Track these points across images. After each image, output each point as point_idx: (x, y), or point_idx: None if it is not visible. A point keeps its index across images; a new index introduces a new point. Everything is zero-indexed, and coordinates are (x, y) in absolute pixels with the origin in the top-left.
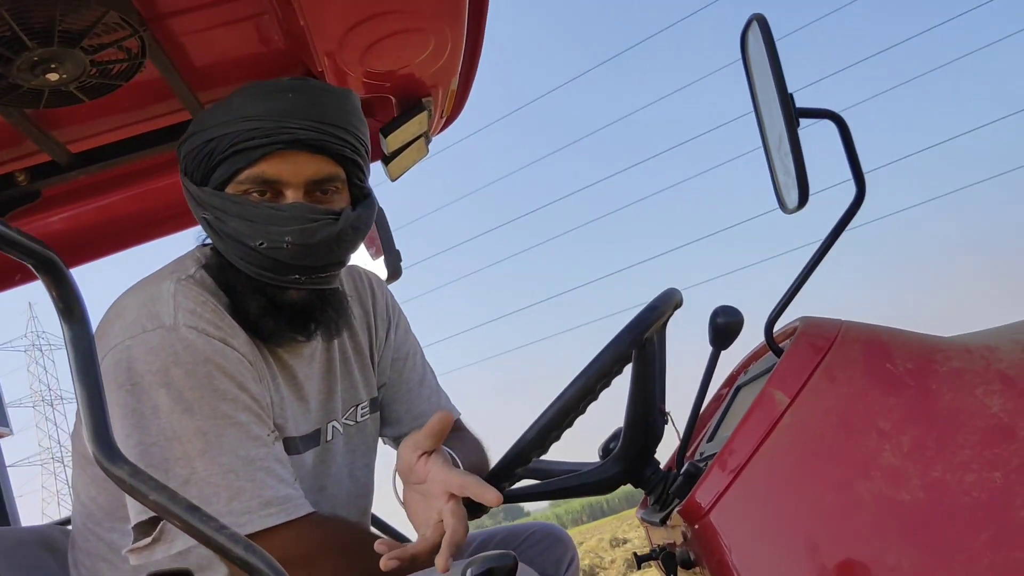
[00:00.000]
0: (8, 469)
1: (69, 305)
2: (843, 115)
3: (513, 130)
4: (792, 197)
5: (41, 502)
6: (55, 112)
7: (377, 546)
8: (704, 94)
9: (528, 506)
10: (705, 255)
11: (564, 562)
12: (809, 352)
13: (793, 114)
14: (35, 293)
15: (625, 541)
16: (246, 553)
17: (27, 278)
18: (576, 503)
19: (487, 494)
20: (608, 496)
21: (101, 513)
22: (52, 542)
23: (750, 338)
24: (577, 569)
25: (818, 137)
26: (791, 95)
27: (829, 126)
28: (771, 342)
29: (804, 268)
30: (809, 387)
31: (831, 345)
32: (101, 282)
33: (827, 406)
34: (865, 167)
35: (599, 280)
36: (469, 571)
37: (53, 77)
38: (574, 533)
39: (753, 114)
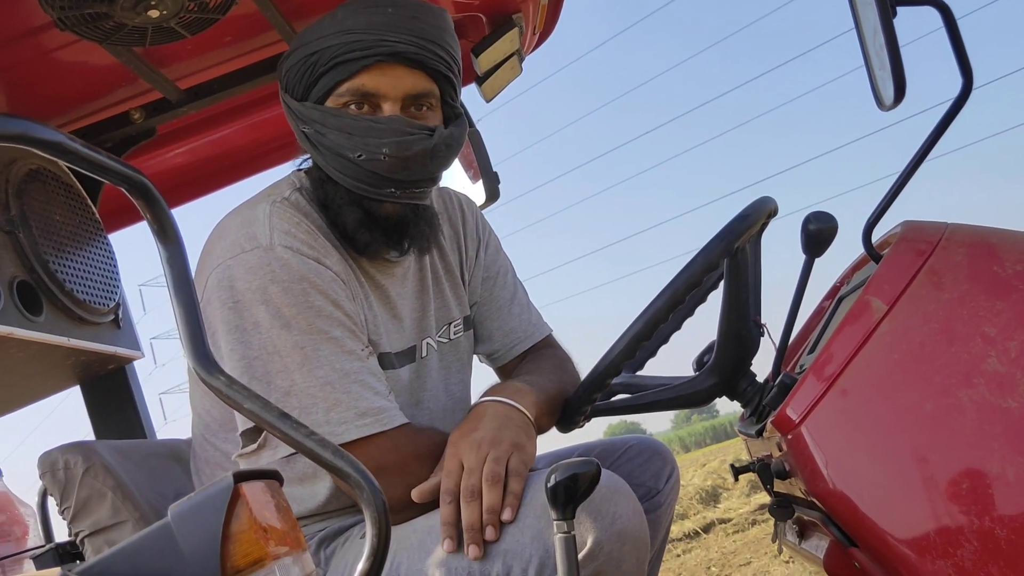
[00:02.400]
0: (160, 395)
1: (163, 226)
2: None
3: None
4: (889, 92)
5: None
6: (162, 50)
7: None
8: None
9: (651, 428)
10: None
11: (664, 475)
12: (910, 257)
13: (889, 2)
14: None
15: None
16: (334, 457)
17: (138, 216)
18: (699, 426)
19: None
20: (732, 417)
21: (216, 424)
22: (179, 453)
23: (856, 248)
24: (677, 482)
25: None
26: None
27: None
28: (869, 248)
29: (905, 168)
30: (909, 293)
31: (933, 249)
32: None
33: (928, 312)
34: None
35: (682, 216)
36: (553, 477)
37: (154, 14)
38: (697, 455)
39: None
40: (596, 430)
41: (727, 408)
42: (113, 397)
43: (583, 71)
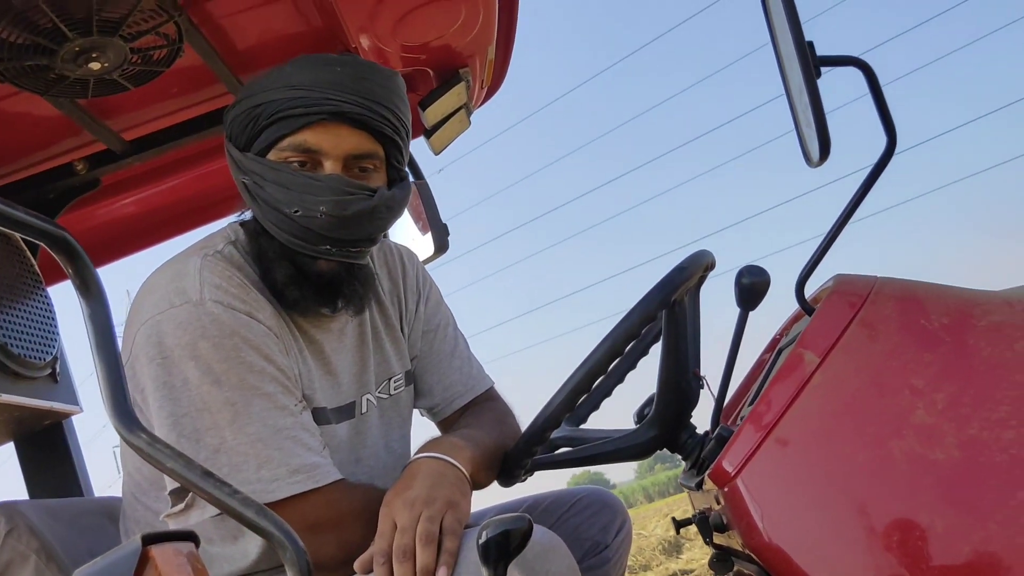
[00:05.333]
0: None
1: (85, 281)
2: (868, 60)
3: (525, 133)
4: (815, 149)
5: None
6: (106, 101)
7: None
8: (719, 88)
9: (615, 478)
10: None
11: (613, 528)
12: (841, 310)
13: (812, 63)
14: (133, 281)
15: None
16: (258, 517)
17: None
18: (663, 475)
19: None
20: None
21: (146, 483)
22: (113, 511)
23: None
24: (628, 535)
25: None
26: (810, 43)
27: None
28: (802, 301)
29: (835, 223)
30: (840, 346)
31: (863, 302)
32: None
33: (859, 364)
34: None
35: (624, 273)
36: (484, 533)
37: (96, 66)
38: (660, 504)
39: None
40: (560, 480)
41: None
42: (48, 453)
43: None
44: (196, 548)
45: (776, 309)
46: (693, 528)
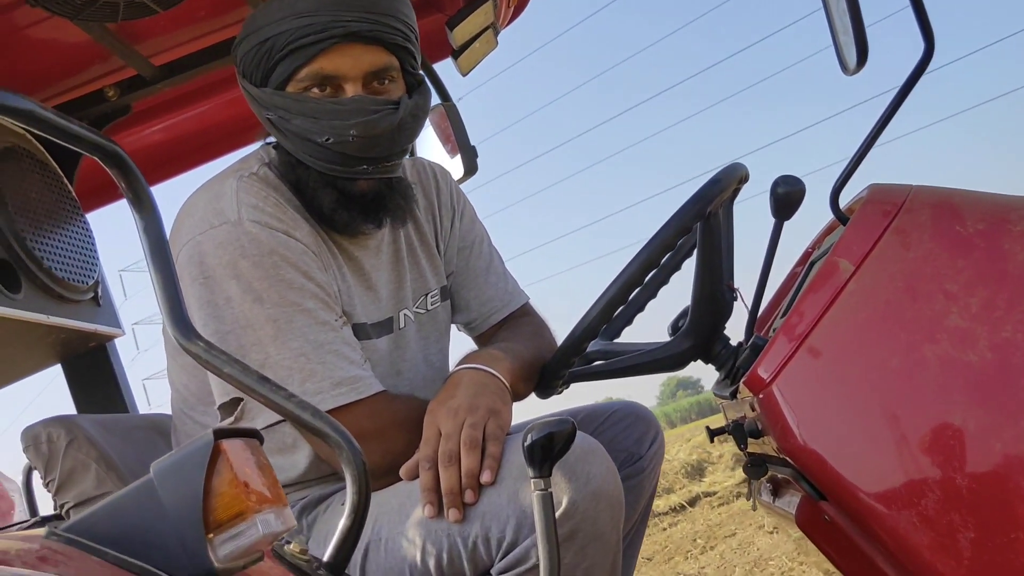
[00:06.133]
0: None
1: (138, 195)
2: None
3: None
4: (852, 57)
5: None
6: (136, 26)
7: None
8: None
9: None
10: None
11: (647, 440)
12: (876, 218)
13: None
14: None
15: (726, 438)
16: (314, 419)
17: (115, 195)
18: (684, 402)
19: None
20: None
21: (194, 398)
22: (161, 427)
23: (827, 217)
24: (661, 446)
25: None
26: None
27: None
28: (836, 210)
29: (870, 132)
30: (875, 254)
31: (899, 210)
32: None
33: (894, 271)
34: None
35: (663, 193)
36: (530, 436)
37: None
38: (682, 430)
39: None
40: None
41: (711, 384)
42: (95, 374)
43: (562, 49)
44: (260, 445)
45: (804, 227)
46: (715, 451)
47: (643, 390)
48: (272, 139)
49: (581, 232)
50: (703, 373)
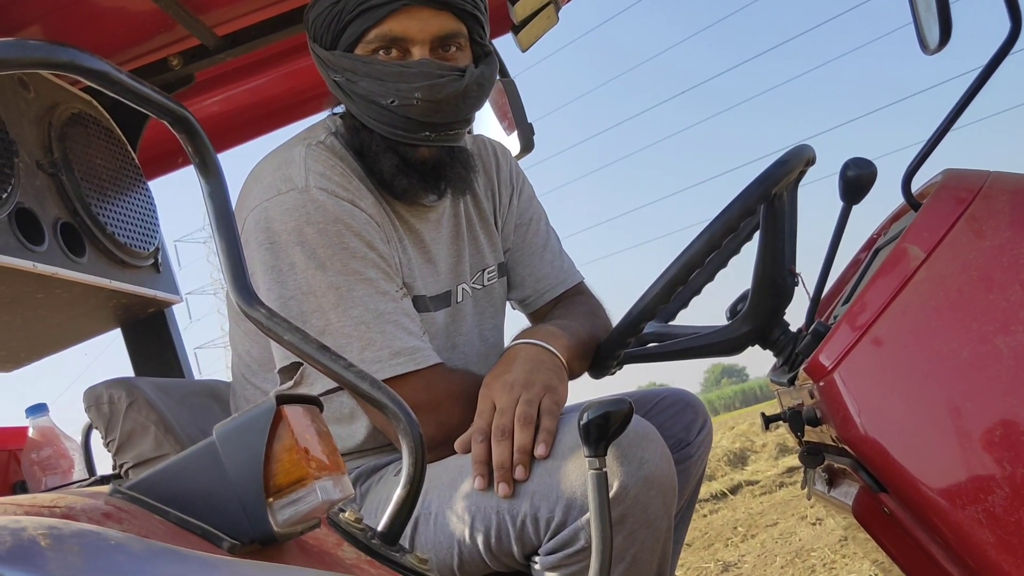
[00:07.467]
0: (195, 350)
1: (204, 160)
2: None
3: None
4: (934, 34)
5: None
6: None
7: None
8: None
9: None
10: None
11: (695, 427)
12: (950, 204)
13: None
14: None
15: (778, 426)
16: (372, 389)
17: (186, 161)
18: (729, 390)
19: None
20: (762, 381)
21: (255, 364)
22: (217, 393)
23: (893, 202)
24: (709, 434)
25: None
26: None
27: None
28: (908, 196)
29: (947, 116)
30: (947, 241)
31: (974, 197)
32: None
33: (967, 260)
34: None
35: (720, 177)
36: (586, 415)
37: None
38: (726, 418)
39: None
40: (631, 386)
41: (756, 372)
42: (153, 339)
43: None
44: (320, 412)
45: (873, 211)
46: (759, 440)
47: (687, 376)
48: (339, 108)
49: (621, 219)
50: (748, 361)
